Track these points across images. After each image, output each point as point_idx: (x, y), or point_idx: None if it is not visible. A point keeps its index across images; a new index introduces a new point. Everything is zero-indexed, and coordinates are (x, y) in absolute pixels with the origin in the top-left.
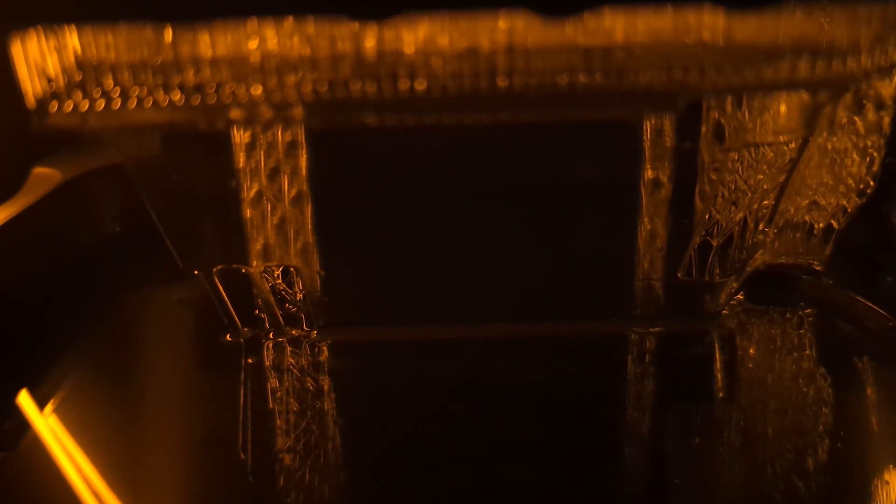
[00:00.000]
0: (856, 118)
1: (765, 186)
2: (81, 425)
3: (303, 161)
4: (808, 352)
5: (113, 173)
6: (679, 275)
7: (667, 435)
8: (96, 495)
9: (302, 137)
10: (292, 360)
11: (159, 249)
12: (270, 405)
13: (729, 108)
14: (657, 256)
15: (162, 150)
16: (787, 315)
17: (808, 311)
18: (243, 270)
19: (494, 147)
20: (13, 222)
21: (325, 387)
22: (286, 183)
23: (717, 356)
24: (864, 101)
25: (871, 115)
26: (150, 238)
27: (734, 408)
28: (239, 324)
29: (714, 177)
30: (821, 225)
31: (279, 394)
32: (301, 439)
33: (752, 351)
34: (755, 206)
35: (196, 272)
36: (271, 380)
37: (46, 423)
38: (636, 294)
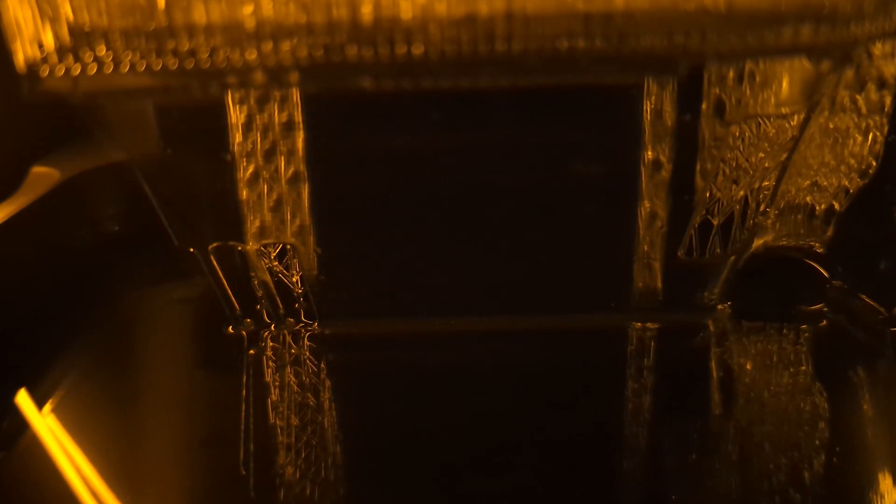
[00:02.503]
0: (857, 97)
1: (766, 165)
2: (79, 425)
3: (300, 141)
4: (804, 367)
5: (112, 172)
6: (679, 254)
7: (663, 434)
8: (95, 495)
9: (299, 117)
10: (292, 358)
11: (158, 248)
12: (270, 404)
13: (730, 81)
14: (657, 238)
15: (156, 123)
16: (784, 331)
17: (804, 326)
18: (239, 248)
19: (492, 135)
20: (11, 221)
21: (326, 385)
22: (283, 163)
23: (713, 364)
24: (866, 80)
25: (872, 94)
26: (148, 237)
27: (731, 423)
28: (237, 307)
29: (715, 153)
30: (822, 206)
31: (279, 392)
32: (301, 440)
33: (748, 366)
34: (756, 185)
35: (191, 250)
36: (271, 378)
37: (45, 423)
38: (634, 285)
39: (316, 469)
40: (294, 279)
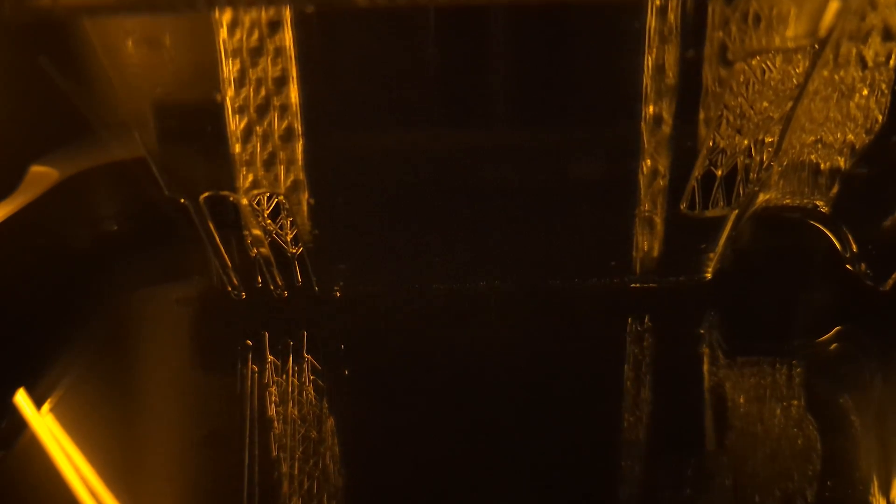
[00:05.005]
0: (861, 47)
1: (771, 114)
2: (78, 424)
3: (294, 96)
4: (796, 401)
5: (111, 172)
6: (682, 207)
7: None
8: (93, 494)
9: (293, 71)
10: (292, 356)
11: (157, 249)
12: (270, 403)
13: (734, 22)
14: (659, 194)
15: (145, 61)
16: (777, 365)
17: (795, 361)
18: (231, 199)
19: (488, 99)
20: (11, 221)
21: (323, 388)
22: (276, 118)
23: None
24: (871, 32)
25: (878, 46)
26: (147, 237)
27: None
28: (229, 263)
29: (718, 98)
30: (827, 164)
31: (278, 391)
32: (301, 442)
33: (741, 399)
34: (760, 137)
35: (182, 200)
36: (270, 378)
37: (43, 423)
38: (635, 242)
39: (317, 483)
40: (288, 237)
